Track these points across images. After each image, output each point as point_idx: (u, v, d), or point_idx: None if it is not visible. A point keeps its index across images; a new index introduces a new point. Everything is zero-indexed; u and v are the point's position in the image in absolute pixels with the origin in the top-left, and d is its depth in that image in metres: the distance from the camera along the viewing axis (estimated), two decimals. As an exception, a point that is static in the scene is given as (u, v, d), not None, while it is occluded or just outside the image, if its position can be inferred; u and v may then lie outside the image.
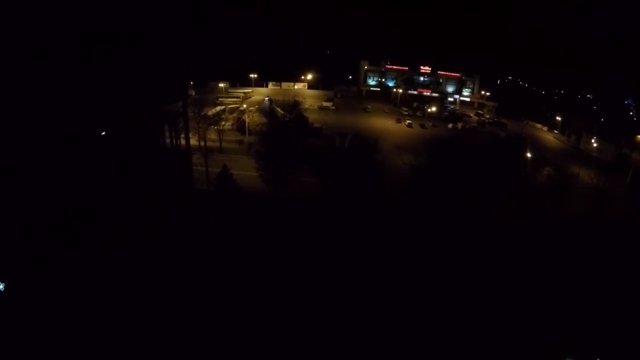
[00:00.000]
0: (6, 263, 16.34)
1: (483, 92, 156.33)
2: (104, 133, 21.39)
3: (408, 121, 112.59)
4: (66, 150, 18.69)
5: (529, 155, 76.17)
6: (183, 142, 41.75)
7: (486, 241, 50.07)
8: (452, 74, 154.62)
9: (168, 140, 42.35)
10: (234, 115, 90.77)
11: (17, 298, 16.40)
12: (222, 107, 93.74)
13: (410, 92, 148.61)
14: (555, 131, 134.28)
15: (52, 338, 17.67)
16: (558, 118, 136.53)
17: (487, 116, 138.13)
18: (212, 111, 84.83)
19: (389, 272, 42.49)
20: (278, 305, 35.70)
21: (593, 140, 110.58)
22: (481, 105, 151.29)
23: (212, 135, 73.01)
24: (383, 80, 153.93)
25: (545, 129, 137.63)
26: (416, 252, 46.00)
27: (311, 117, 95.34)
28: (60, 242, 18.59)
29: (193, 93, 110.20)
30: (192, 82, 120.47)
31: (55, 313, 18.09)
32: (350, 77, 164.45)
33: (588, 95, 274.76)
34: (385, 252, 45.87)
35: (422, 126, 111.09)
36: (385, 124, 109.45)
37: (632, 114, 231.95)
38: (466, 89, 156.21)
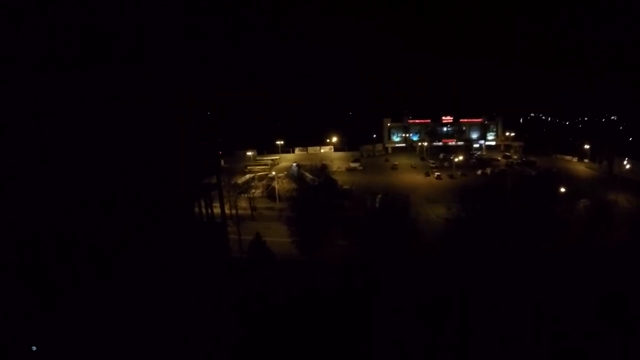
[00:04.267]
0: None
1: (507, 134, 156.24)
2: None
3: (437, 173, 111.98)
4: (107, 219, 19.88)
5: (562, 189, 73.02)
6: (217, 211, 43.36)
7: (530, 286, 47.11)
8: (474, 120, 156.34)
9: (204, 210, 43.76)
10: (264, 182, 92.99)
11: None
12: (252, 174, 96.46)
13: (435, 143, 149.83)
14: (586, 160, 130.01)
15: None
16: (586, 146, 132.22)
17: (515, 157, 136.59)
18: (241, 179, 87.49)
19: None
20: None
21: (625, 162, 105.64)
22: (507, 147, 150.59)
23: (242, 203, 74.40)
24: (407, 135, 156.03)
25: (575, 159, 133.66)
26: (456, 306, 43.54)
27: (340, 179, 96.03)
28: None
29: (222, 162, 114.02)
30: (220, 152, 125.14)
31: None
32: (374, 135, 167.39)
33: (612, 117, 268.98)
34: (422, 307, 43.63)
35: (451, 176, 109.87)
36: (414, 179, 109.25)
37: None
38: (490, 133, 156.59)
